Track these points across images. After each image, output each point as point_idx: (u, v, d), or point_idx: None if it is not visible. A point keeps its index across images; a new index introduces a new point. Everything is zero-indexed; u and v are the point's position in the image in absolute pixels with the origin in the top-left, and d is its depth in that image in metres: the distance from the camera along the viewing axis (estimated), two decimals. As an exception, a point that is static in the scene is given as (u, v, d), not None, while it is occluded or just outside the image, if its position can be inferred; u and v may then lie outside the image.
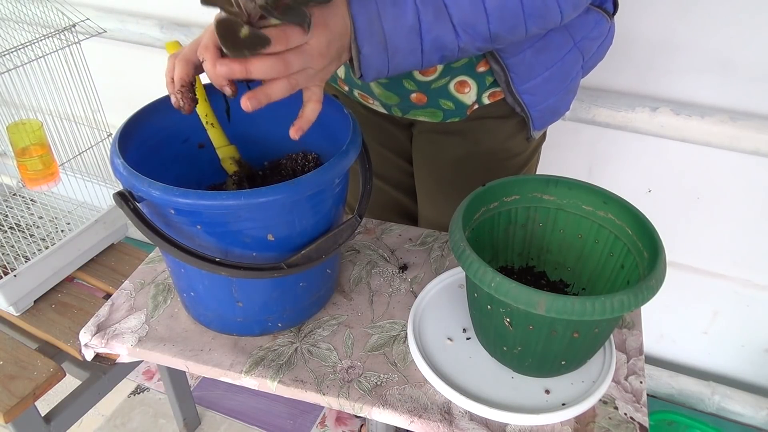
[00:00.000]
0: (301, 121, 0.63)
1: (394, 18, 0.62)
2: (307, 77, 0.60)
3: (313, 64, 0.59)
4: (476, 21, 0.64)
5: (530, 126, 0.87)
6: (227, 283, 0.68)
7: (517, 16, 0.65)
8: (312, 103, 0.63)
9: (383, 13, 0.61)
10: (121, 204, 0.60)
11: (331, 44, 0.59)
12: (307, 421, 1.49)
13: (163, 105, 0.74)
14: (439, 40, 0.64)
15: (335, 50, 0.61)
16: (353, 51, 0.62)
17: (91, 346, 0.75)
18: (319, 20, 0.58)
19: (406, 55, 0.64)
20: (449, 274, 0.81)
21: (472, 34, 0.65)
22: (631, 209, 0.68)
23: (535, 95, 0.82)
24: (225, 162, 0.76)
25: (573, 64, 0.83)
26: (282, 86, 0.58)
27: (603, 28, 0.82)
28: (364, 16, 0.61)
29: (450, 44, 0.65)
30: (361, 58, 0.63)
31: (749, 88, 1.10)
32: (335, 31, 0.59)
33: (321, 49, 0.59)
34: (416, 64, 0.66)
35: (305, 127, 0.63)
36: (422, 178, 0.99)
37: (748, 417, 1.41)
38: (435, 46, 0.64)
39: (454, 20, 0.63)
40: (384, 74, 0.66)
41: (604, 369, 0.69)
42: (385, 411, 0.66)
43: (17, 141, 1.13)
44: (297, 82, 0.59)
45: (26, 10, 1.15)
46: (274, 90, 0.58)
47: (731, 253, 1.32)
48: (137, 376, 1.59)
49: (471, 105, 0.84)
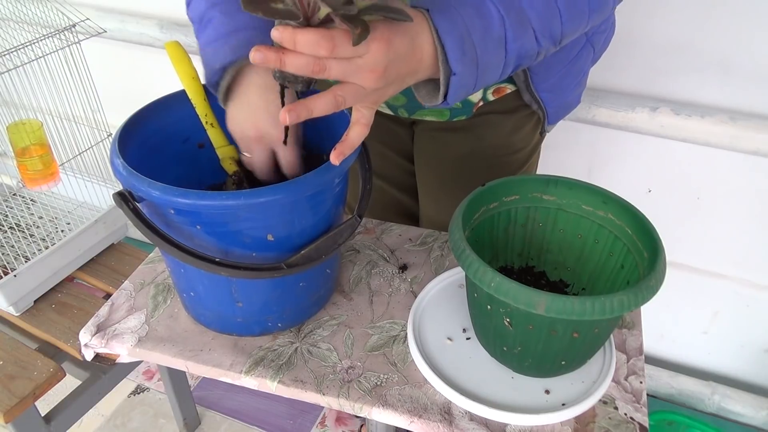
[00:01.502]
0: (343, 145, 0.58)
1: (483, 31, 0.56)
2: (356, 95, 0.54)
3: (363, 81, 0.53)
4: (552, 24, 0.59)
5: (545, 121, 0.88)
6: (227, 283, 0.68)
7: (583, 13, 0.61)
8: (359, 126, 0.58)
9: (472, 28, 0.55)
10: (121, 204, 0.60)
11: (390, 65, 0.53)
12: (307, 421, 1.49)
13: (163, 105, 0.74)
14: (522, 49, 0.59)
15: (395, 73, 0.54)
16: (442, 74, 0.56)
17: (91, 346, 0.75)
18: (382, 35, 0.51)
19: (493, 68, 0.59)
20: (449, 274, 0.81)
21: (549, 38, 0.60)
22: (631, 209, 0.68)
23: (552, 93, 0.83)
24: (225, 162, 0.76)
25: (585, 59, 0.83)
26: (326, 101, 0.53)
27: (609, 21, 0.83)
28: (454, 34, 0.55)
29: (531, 51, 0.60)
30: (453, 79, 0.56)
31: (749, 88, 1.10)
32: (399, 51, 0.53)
33: (375, 67, 0.52)
34: (494, 79, 0.61)
35: (347, 153, 0.58)
36: (424, 176, 0.99)
37: (748, 417, 1.41)
38: (516, 56, 0.59)
39: (533, 25, 0.58)
40: (469, 94, 0.60)
41: (604, 369, 0.69)
42: (385, 411, 0.66)
43: (17, 141, 1.13)
44: (344, 100, 0.53)
45: (26, 10, 1.15)
46: (317, 104, 0.53)
47: (731, 253, 1.32)
48: (137, 376, 1.59)
49: (477, 102, 0.84)
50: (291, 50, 0.50)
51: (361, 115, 0.58)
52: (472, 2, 0.56)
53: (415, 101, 0.83)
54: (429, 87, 0.61)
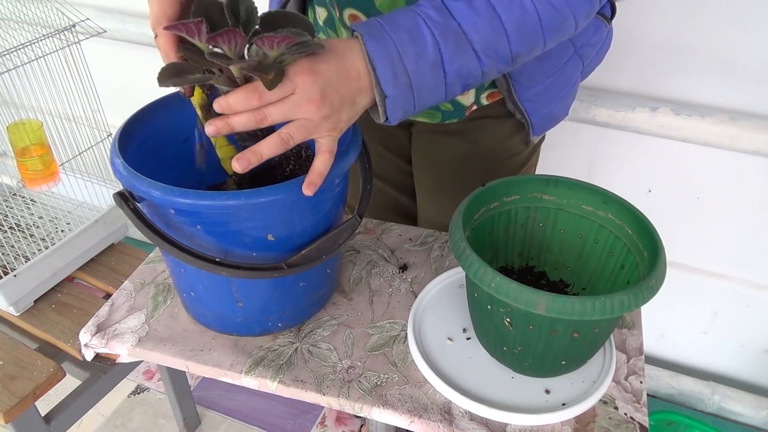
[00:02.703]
0: (312, 175, 0.59)
1: (416, 56, 0.58)
2: (304, 129, 0.57)
3: (306, 114, 0.56)
4: (498, 43, 0.61)
5: (530, 132, 0.88)
6: (227, 283, 0.68)
7: (536, 32, 0.62)
8: (321, 155, 0.59)
9: (404, 53, 0.58)
10: (121, 204, 0.60)
11: (326, 91, 0.56)
12: (307, 421, 1.49)
13: (163, 105, 0.74)
14: (463, 69, 0.61)
15: (338, 97, 0.57)
16: (377, 96, 0.59)
17: (91, 346, 0.75)
18: (302, 68, 0.55)
19: (431, 90, 0.61)
20: (449, 274, 0.81)
21: (495, 57, 0.62)
22: (631, 209, 0.68)
23: (536, 102, 0.82)
24: (225, 162, 0.76)
25: (573, 71, 0.83)
26: (272, 143, 0.56)
27: (602, 34, 0.82)
28: (385, 59, 0.57)
29: (474, 71, 0.62)
30: (387, 102, 0.60)
31: (749, 88, 1.10)
32: (328, 76, 0.56)
33: (311, 97, 0.55)
34: (440, 98, 0.63)
35: (317, 182, 0.60)
36: (421, 177, 0.99)
37: (748, 417, 1.41)
38: (459, 76, 0.61)
39: (475, 46, 0.60)
40: (410, 113, 0.63)
41: (604, 369, 0.69)
42: (385, 411, 0.66)
43: (17, 141, 1.13)
44: (290, 136, 0.57)
45: (26, 10, 1.15)
46: (264, 148, 0.56)
47: (731, 253, 1.32)
48: (137, 376, 1.59)
49: (469, 106, 0.84)
50: (232, 114, 0.56)
51: (321, 144, 0.60)
52: (407, 27, 0.59)
53: None
54: (376, 109, 0.63)
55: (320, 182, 0.60)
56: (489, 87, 0.82)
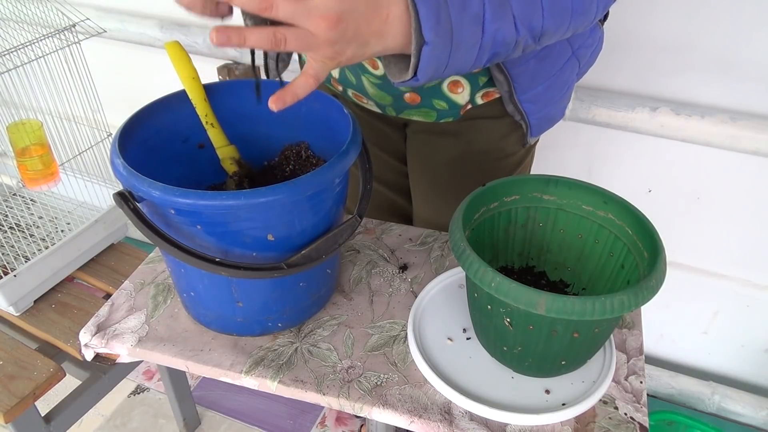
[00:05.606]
0: (284, 92, 0.54)
1: (461, 5, 0.54)
2: (303, 41, 0.51)
3: (313, 26, 0.50)
4: (533, 14, 0.58)
5: (527, 133, 0.88)
6: (227, 283, 0.68)
7: (565, 11, 0.61)
8: (305, 76, 0.54)
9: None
10: (121, 204, 0.60)
11: (346, 17, 0.50)
12: (307, 421, 1.49)
13: (163, 105, 0.74)
14: (500, 33, 0.57)
15: (354, 28, 0.51)
16: (414, 44, 0.54)
17: (91, 346, 0.75)
18: None
19: (467, 49, 0.56)
20: (449, 274, 0.81)
21: (528, 29, 0.58)
22: (631, 209, 0.68)
23: (535, 103, 0.83)
24: (225, 162, 0.76)
25: (570, 72, 0.84)
26: (262, 35, 0.50)
27: (596, 36, 0.83)
28: (430, 1, 0.52)
29: (508, 38, 0.58)
30: (425, 50, 0.53)
31: (749, 88, 1.10)
32: (357, 4, 0.51)
33: (327, 13, 0.50)
34: (468, 63, 0.58)
35: (287, 100, 0.54)
36: (417, 178, 1.00)
37: (748, 417, 1.41)
38: (493, 40, 0.57)
39: (515, 11, 0.57)
40: (439, 74, 0.57)
41: (604, 369, 0.69)
42: (385, 411, 0.66)
43: (17, 141, 1.13)
44: (285, 39, 0.50)
45: (26, 10, 1.15)
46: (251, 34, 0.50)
47: (731, 253, 1.32)
48: (137, 376, 1.59)
49: (464, 105, 0.84)
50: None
51: (310, 67, 0.54)
52: None
53: (401, 101, 0.84)
54: (401, 65, 0.58)
55: (291, 102, 0.55)
56: (484, 86, 0.82)
